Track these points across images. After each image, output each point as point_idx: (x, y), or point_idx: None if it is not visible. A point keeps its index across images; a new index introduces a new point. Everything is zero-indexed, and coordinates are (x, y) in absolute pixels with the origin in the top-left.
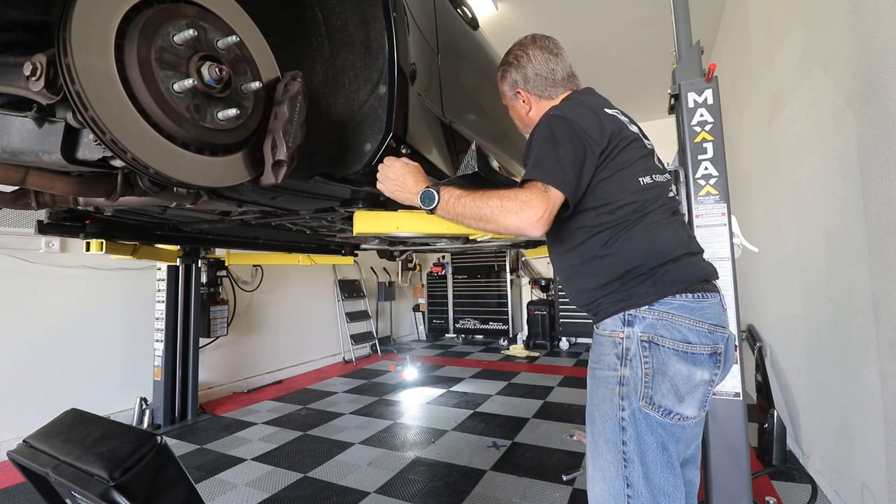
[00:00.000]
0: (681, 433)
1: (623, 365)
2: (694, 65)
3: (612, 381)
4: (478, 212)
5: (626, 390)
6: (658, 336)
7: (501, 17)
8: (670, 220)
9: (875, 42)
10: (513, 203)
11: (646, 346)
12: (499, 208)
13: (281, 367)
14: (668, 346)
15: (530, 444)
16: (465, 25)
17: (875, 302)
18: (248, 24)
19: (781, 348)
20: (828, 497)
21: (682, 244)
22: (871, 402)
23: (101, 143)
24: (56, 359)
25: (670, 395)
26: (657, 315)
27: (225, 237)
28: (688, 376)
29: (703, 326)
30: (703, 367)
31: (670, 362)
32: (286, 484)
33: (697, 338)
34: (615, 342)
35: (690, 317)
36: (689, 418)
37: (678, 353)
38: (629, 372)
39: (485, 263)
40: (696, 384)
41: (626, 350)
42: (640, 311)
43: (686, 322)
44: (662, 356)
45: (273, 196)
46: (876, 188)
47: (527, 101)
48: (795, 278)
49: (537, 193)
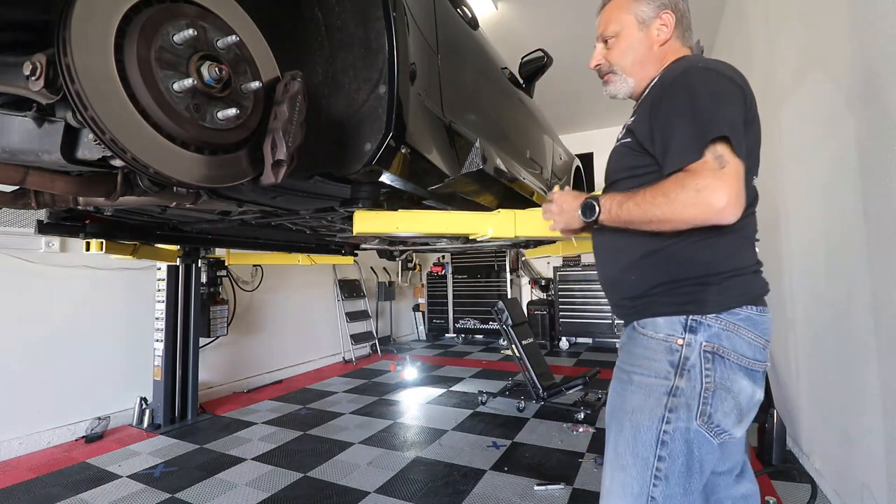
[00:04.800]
0: (727, 452)
1: (679, 375)
2: None
3: (660, 391)
4: (646, 216)
5: (677, 403)
6: (721, 347)
7: (501, 17)
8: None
9: (875, 42)
10: (684, 194)
11: (708, 358)
12: (668, 206)
13: (281, 367)
14: (732, 359)
15: (530, 444)
16: (465, 25)
17: (875, 302)
18: (247, 24)
19: (781, 348)
20: (828, 497)
21: (755, 256)
22: (871, 402)
23: (100, 142)
24: (56, 359)
25: (732, 415)
26: (724, 324)
27: (225, 237)
28: (751, 395)
29: (760, 342)
30: (759, 385)
31: (736, 378)
32: (286, 484)
33: (755, 353)
34: (671, 348)
35: (754, 331)
36: (736, 438)
37: (743, 369)
38: (685, 384)
39: (485, 263)
40: (755, 403)
41: (684, 359)
42: (706, 317)
43: (749, 336)
44: (728, 370)
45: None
46: (876, 188)
47: (668, 27)
48: (795, 278)
49: (708, 172)
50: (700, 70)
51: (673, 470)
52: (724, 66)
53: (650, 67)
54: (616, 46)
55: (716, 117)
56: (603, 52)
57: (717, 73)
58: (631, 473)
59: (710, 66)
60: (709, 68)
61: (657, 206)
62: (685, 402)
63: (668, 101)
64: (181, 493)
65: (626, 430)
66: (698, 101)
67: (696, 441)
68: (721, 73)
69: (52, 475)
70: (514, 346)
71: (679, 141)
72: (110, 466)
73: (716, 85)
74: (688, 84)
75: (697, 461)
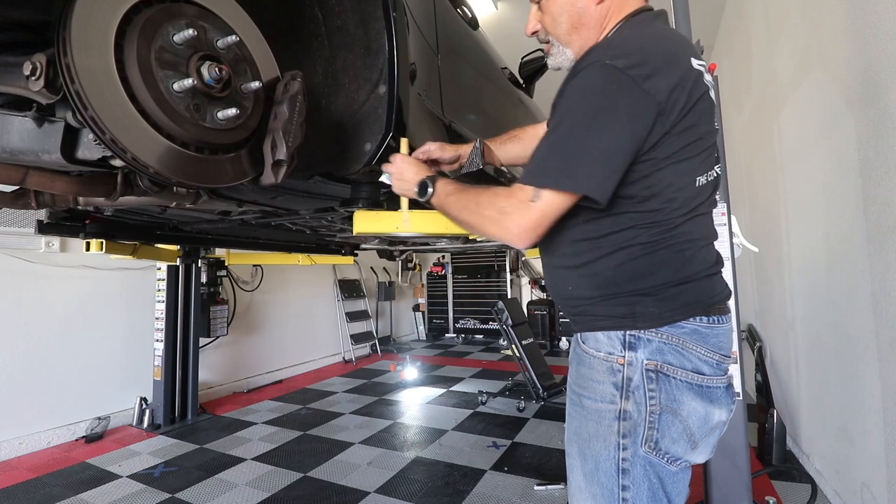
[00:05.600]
0: (687, 477)
1: (625, 398)
2: None
3: (609, 417)
4: (460, 216)
5: (629, 427)
6: (666, 365)
7: (501, 17)
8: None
9: (875, 42)
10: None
11: (651, 378)
12: (476, 215)
13: (281, 367)
14: (680, 377)
15: (530, 444)
16: (465, 25)
17: (875, 302)
18: (247, 24)
19: (781, 348)
20: (828, 497)
21: (711, 259)
22: (871, 402)
23: (100, 142)
24: (56, 359)
25: (682, 441)
26: (666, 338)
27: (225, 237)
28: (704, 417)
29: (714, 357)
30: (720, 405)
31: (684, 399)
32: (286, 484)
33: (708, 370)
34: (612, 368)
35: (704, 345)
36: (696, 462)
37: (694, 388)
38: (632, 407)
39: (485, 263)
40: (712, 426)
41: (626, 380)
42: (645, 332)
43: (698, 350)
44: (674, 391)
45: (273, 196)
46: (876, 188)
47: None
48: (795, 278)
49: (517, 201)
50: (600, 72)
51: (640, 497)
52: (640, 57)
53: (589, 33)
54: (548, 10)
55: (572, 153)
56: (538, 16)
57: (619, 78)
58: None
59: (618, 63)
60: (613, 68)
61: (469, 211)
62: (633, 427)
63: (558, 106)
64: (181, 493)
65: (588, 460)
66: (573, 122)
67: (652, 467)
68: (627, 77)
69: (52, 475)
70: (514, 346)
71: (533, 159)
72: (110, 466)
73: (607, 98)
74: (578, 91)
75: (659, 488)
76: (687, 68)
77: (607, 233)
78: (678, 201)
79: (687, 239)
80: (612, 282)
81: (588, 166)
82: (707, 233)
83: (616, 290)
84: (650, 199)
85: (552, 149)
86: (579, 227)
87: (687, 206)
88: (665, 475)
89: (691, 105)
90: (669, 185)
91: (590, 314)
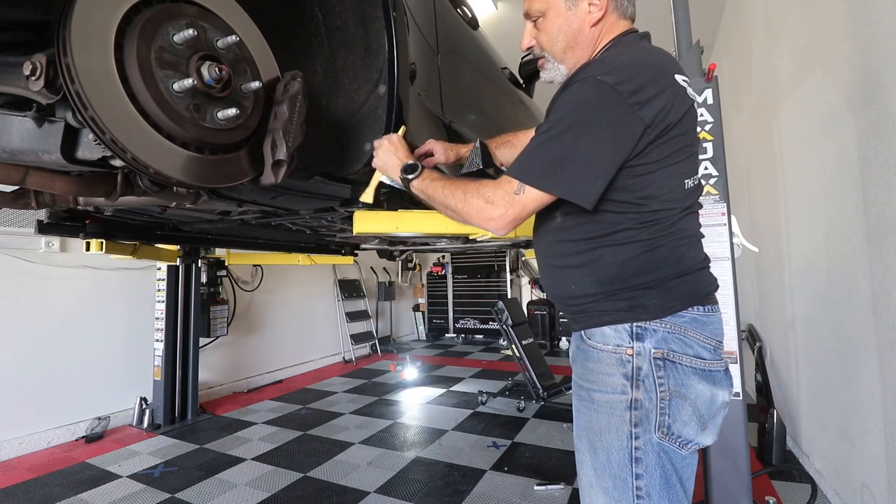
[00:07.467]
0: (695, 463)
1: (635, 387)
2: (694, 65)
3: (621, 406)
4: (445, 201)
5: (640, 415)
6: (672, 352)
7: (501, 17)
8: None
9: (875, 42)
10: (477, 198)
11: (660, 365)
12: (462, 202)
13: (281, 367)
14: (686, 363)
15: (530, 444)
16: (465, 25)
17: (875, 302)
18: (248, 24)
19: (781, 348)
20: (828, 497)
21: (701, 254)
22: (871, 402)
23: (100, 142)
24: (56, 359)
25: (692, 423)
26: (669, 327)
27: (225, 237)
28: (710, 398)
29: (711, 342)
30: (722, 387)
31: (691, 383)
32: (286, 484)
33: (707, 354)
34: (622, 359)
35: (702, 332)
36: (705, 445)
37: (699, 372)
38: (643, 395)
39: (485, 263)
40: (718, 407)
41: (636, 369)
42: (651, 322)
43: (698, 337)
44: (681, 376)
45: (273, 196)
46: (876, 188)
47: (601, 3)
48: (795, 278)
49: (503, 192)
50: (591, 85)
51: (653, 485)
52: (628, 74)
53: (583, 52)
54: (544, 29)
55: (559, 157)
56: (533, 33)
57: (608, 92)
58: (614, 496)
59: (608, 79)
60: (604, 84)
61: (455, 198)
62: (646, 415)
63: (550, 113)
64: (181, 493)
65: (599, 453)
66: (563, 128)
67: (665, 453)
68: (615, 92)
69: (52, 475)
70: (514, 346)
71: (522, 154)
72: (110, 466)
73: (596, 110)
74: (569, 101)
75: (673, 473)
76: (671, 83)
77: (609, 232)
78: (674, 201)
79: (683, 235)
80: (616, 278)
81: (572, 172)
82: (697, 230)
83: (619, 286)
84: (649, 199)
85: (541, 148)
86: (581, 227)
87: (682, 204)
88: (677, 460)
89: (678, 117)
90: (664, 187)
91: (594, 311)
